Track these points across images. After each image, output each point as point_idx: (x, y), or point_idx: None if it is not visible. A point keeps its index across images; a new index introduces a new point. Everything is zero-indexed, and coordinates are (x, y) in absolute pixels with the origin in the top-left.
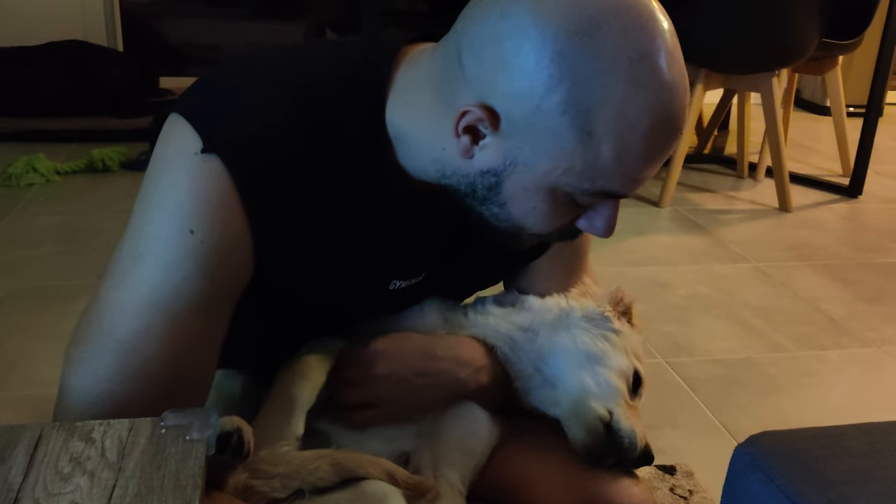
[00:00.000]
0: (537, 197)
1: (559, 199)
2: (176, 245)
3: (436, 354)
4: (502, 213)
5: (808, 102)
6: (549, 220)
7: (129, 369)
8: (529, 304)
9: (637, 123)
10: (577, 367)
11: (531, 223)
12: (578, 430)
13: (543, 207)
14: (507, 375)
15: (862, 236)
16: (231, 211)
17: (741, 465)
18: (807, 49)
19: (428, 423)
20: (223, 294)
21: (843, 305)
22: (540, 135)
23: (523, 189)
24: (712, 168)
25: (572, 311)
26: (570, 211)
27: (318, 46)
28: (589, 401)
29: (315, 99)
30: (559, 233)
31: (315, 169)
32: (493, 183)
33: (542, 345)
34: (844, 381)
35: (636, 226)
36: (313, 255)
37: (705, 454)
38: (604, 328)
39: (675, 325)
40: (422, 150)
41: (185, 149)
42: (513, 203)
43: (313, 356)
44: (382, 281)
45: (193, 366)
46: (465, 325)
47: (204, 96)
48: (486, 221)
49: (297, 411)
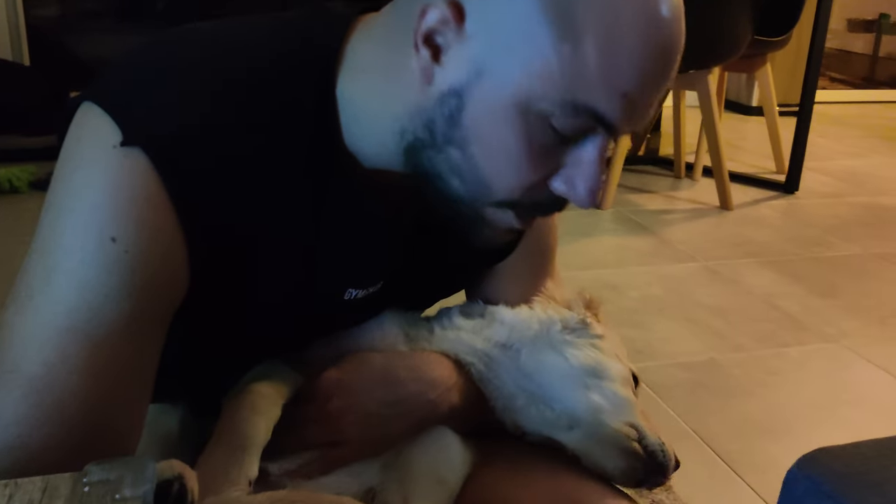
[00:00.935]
0: (506, 124)
1: (533, 127)
2: (94, 257)
3: (398, 378)
4: (464, 164)
5: (733, 103)
6: (520, 165)
7: (41, 410)
8: (502, 316)
9: (626, 21)
10: (579, 387)
11: (499, 174)
12: (610, 456)
13: (513, 141)
14: (480, 394)
15: (804, 231)
16: (159, 213)
17: (801, 492)
18: (741, 45)
19: (394, 454)
20: (154, 314)
21: (797, 301)
22: (510, 33)
23: (489, 111)
24: (649, 169)
25: (552, 323)
26: (545, 155)
27: (258, 23)
28: (608, 422)
29: (256, 82)
30: (533, 204)
31: (257, 162)
32: (454, 109)
33: (526, 363)
34: (809, 378)
35: (580, 228)
36: (257, 261)
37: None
38: (588, 336)
39: (633, 328)
40: (378, 116)
41: (101, 142)
42: (476, 139)
43: (265, 385)
44: (336, 290)
45: (121, 402)
46: (431, 340)
47: (122, 81)
48: (449, 193)
49: (251, 451)
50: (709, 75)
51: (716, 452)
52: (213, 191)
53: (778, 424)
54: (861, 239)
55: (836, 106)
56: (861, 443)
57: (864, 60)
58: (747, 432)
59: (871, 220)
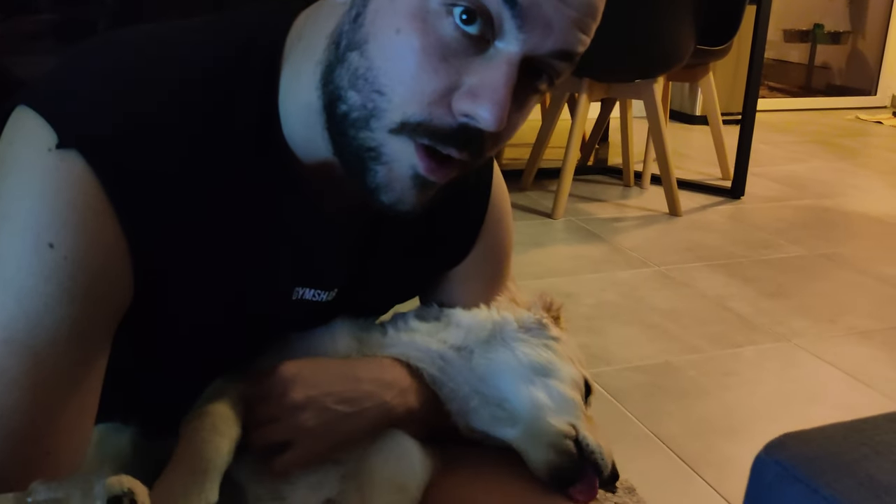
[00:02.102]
0: (406, 16)
1: (434, 20)
2: (31, 264)
3: (357, 376)
4: (361, 67)
5: (678, 113)
6: (419, 66)
7: None
8: (457, 318)
9: None
10: (525, 383)
11: (396, 77)
12: (541, 451)
13: (412, 36)
14: (435, 398)
15: (751, 234)
16: (99, 217)
17: (770, 477)
18: (685, 54)
19: (353, 463)
20: (98, 322)
21: (748, 302)
22: None
23: (389, 1)
24: (599, 179)
25: (507, 322)
26: (446, 59)
27: (197, 23)
28: (547, 417)
29: (195, 81)
30: (433, 131)
31: (198, 162)
32: (360, 7)
33: (478, 363)
34: (764, 377)
35: (533, 238)
36: (202, 263)
37: (642, 466)
38: (543, 337)
39: (589, 335)
40: (304, 77)
41: (36, 145)
42: (374, 35)
43: (224, 405)
44: (284, 289)
45: (66, 416)
46: (384, 344)
47: (57, 84)
48: (348, 118)
49: (212, 474)
50: (654, 84)
51: (675, 453)
52: (154, 192)
53: (735, 423)
54: (806, 240)
55: (776, 114)
56: (826, 427)
57: (801, 70)
58: (705, 432)
59: (815, 222)
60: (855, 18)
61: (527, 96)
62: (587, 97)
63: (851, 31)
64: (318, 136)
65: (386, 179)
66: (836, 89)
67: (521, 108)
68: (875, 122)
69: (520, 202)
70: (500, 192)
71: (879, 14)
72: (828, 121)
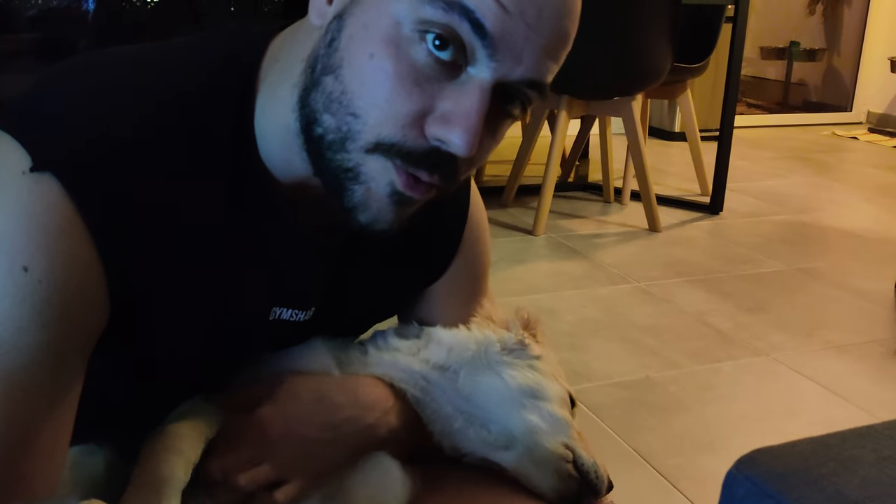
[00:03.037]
0: (380, 40)
1: (407, 45)
2: (5, 286)
3: (335, 402)
4: (336, 91)
5: (657, 129)
6: (392, 89)
7: None
8: (439, 337)
9: None
10: (517, 408)
11: (370, 100)
12: (546, 478)
13: (386, 60)
14: (417, 417)
15: (730, 250)
16: (74, 240)
17: (741, 493)
18: (662, 72)
19: (334, 483)
20: (73, 345)
21: (727, 317)
22: None
23: (363, 26)
24: (579, 195)
25: (490, 344)
26: (420, 83)
27: (174, 44)
28: (545, 443)
29: (171, 103)
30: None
31: (173, 183)
32: (334, 32)
33: (464, 385)
34: (742, 391)
35: (514, 255)
36: (179, 284)
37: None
38: (526, 357)
39: (570, 351)
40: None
41: (10, 168)
42: (349, 60)
43: (185, 424)
44: (261, 310)
45: (41, 440)
46: (365, 363)
47: (30, 106)
48: (324, 140)
49: (167, 493)
50: (633, 102)
51: (655, 468)
52: (129, 215)
53: (714, 437)
54: (784, 255)
55: (753, 130)
56: (797, 442)
57: (778, 86)
58: (685, 447)
59: (793, 237)
60: (830, 36)
61: (500, 122)
62: (567, 114)
63: (827, 49)
64: (296, 157)
65: (363, 198)
66: (812, 105)
67: (493, 134)
68: (851, 138)
69: (501, 219)
70: (477, 209)
71: (854, 32)
72: (805, 136)
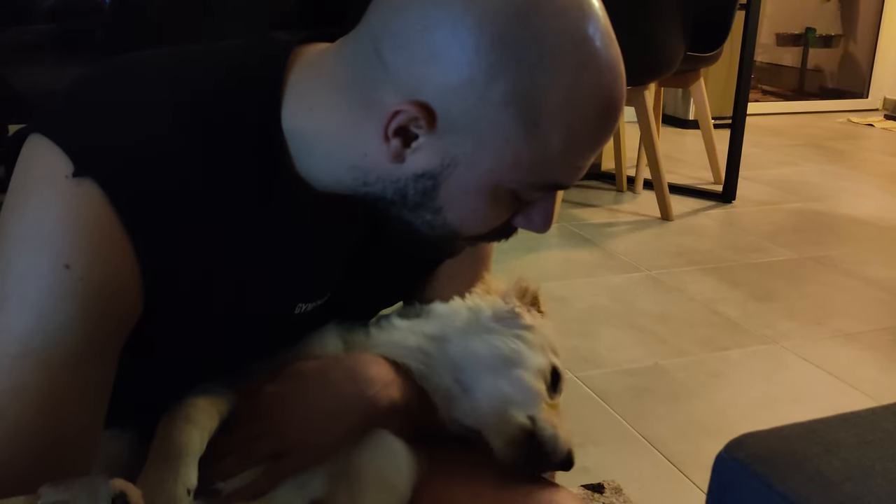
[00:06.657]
0: (478, 198)
1: (501, 197)
2: (49, 284)
3: (334, 381)
4: (436, 220)
5: (671, 117)
6: (488, 222)
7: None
8: (436, 310)
9: (585, 109)
10: (493, 374)
11: (468, 227)
12: (499, 441)
13: (483, 209)
14: (421, 392)
15: (742, 238)
16: (113, 240)
17: (729, 474)
18: (675, 61)
19: (340, 462)
20: (108, 339)
21: (736, 306)
22: (482, 129)
23: (462, 191)
24: (592, 184)
25: (481, 311)
26: (509, 209)
27: (200, 52)
28: (510, 409)
29: (202, 109)
30: (494, 232)
31: (207, 187)
32: (428, 187)
33: (455, 352)
34: (750, 379)
35: (526, 243)
36: (210, 283)
37: (630, 467)
38: (515, 326)
39: (579, 338)
40: (334, 159)
41: (53, 173)
42: (450, 207)
43: (200, 398)
44: (288, 304)
45: (76, 425)
46: (367, 344)
47: (70, 112)
48: (416, 230)
49: (186, 459)
50: (645, 91)
51: (663, 454)
52: (165, 218)
53: (722, 424)
54: (796, 244)
55: (769, 117)
56: (785, 426)
57: (793, 73)
58: (693, 433)
59: (806, 226)
60: (846, 22)
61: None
62: None
63: (843, 35)
64: (344, 188)
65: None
66: (828, 92)
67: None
68: (867, 125)
69: None
70: None
71: (870, 17)
72: (820, 123)
